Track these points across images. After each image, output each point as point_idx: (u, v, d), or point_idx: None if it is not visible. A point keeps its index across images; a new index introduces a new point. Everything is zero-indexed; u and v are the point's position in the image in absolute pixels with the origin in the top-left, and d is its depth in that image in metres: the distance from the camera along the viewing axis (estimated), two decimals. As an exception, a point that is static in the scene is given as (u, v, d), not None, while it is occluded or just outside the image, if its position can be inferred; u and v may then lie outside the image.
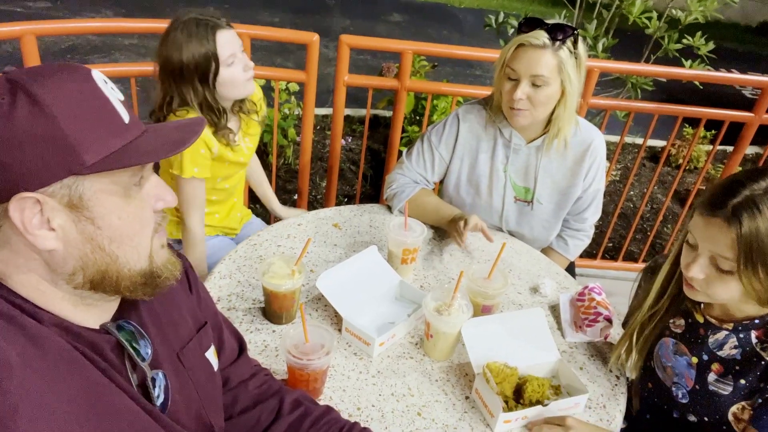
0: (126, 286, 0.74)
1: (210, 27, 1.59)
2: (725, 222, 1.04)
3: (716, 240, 1.06)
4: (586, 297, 1.49)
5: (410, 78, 2.50)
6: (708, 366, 1.22)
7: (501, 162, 1.81)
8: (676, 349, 1.28)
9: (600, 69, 2.53)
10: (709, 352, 1.22)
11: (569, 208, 1.86)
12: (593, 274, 3.07)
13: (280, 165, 3.74)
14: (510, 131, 1.76)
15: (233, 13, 7.22)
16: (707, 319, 1.24)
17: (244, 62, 1.68)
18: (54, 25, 2.14)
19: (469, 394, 1.26)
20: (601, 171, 1.81)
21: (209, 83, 1.63)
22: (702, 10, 3.12)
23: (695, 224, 1.11)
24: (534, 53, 1.57)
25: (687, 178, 4.43)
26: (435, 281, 1.60)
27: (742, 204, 1.03)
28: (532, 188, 1.82)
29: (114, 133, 0.69)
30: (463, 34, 8.10)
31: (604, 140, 1.79)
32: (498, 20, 3.53)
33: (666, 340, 1.30)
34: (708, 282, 1.11)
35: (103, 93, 0.69)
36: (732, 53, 8.49)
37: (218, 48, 1.60)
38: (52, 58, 4.95)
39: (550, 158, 1.78)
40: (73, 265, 0.70)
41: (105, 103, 0.69)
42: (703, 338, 1.23)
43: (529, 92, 1.60)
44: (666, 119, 2.77)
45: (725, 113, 2.70)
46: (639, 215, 3.05)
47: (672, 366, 1.29)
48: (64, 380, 0.67)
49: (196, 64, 1.59)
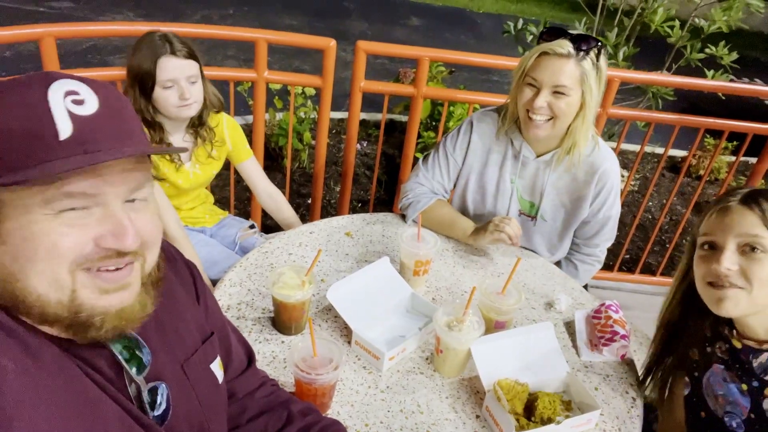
0: (52, 317, 0.68)
1: (162, 48, 1.69)
2: (743, 206, 1.11)
3: (741, 224, 1.10)
4: (602, 315, 1.45)
5: (427, 84, 2.48)
6: (761, 392, 1.15)
7: (509, 173, 1.77)
8: (726, 376, 1.21)
9: (621, 79, 2.49)
10: (757, 377, 1.16)
11: (573, 229, 1.82)
12: (609, 286, 3.01)
13: (295, 169, 3.74)
14: (521, 143, 1.72)
15: (252, 16, 7.28)
16: (745, 344, 1.18)
17: (182, 92, 1.74)
18: (72, 28, 2.16)
19: (479, 412, 1.23)
20: (612, 197, 1.74)
21: (146, 95, 1.73)
22: (726, 20, 3.07)
23: (711, 224, 1.15)
24: (558, 62, 1.53)
25: (708, 189, 4.36)
26: (447, 294, 1.57)
27: (753, 191, 1.13)
28: (537, 204, 1.78)
29: (36, 148, 0.64)
30: (481, 40, 8.07)
31: (618, 165, 1.73)
32: (517, 26, 3.50)
33: (716, 368, 1.24)
34: (745, 272, 1.09)
35: (48, 108, 0.65)
36: (756, 62, 8.36)
37: (158, 70, 1.70)
38: (73, 59, 5.02)
39: (559, 175, 1.74)
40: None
41: (39, 117, 0.65)
42: (748, 363, 1.17)
43: (550, 101, 1.56)
44: (687, 128, 2.71)
45: (748, 126, 2.64)
46: (658, 227, 2.99)
47: (724, 394, 1.21)
48: (59, 392, 0.67)
49: (136, 74, 1.71)
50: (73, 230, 0.66)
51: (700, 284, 1.18)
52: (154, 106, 1.76)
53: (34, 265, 0.66)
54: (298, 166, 3.77)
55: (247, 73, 2.43)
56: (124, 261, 0.71)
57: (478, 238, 1.69)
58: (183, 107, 1.76)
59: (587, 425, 1.22)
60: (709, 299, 1.15)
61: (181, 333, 0.90)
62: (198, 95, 1.78)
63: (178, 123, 1.85)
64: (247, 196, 3.31)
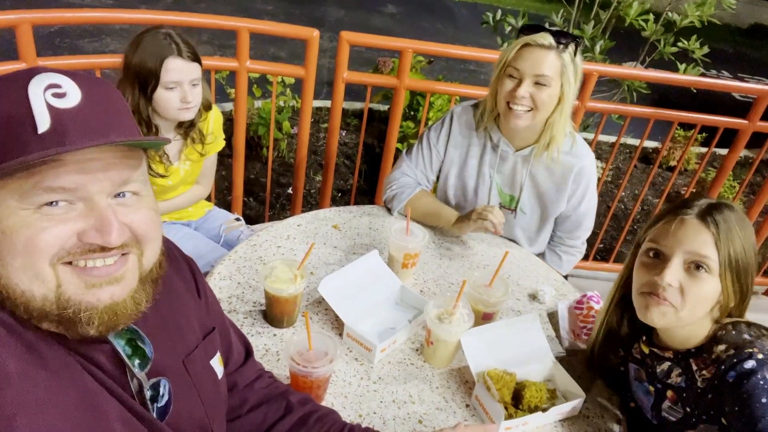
0: (39, 313, 0.67)
1: (169, 49, 1.67)
2: (699, 221, 1.08)
3: (692, 240, 1.08)
4: (584, 305, 1.50)
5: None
6: (663, 394, 1.21)
7: (488, 167, 1.81)
8: (637, 376, 1.28)
9: (598, 73, 2.54)
10: (660, 380, 1.21)
11: (551, 222, 1.87)
12: (585, 275, 3.09)
13: (274, 158, 3.72)
14: (498, 137, 1.76)
15: (225, 0, 7.14)
16: (651, 350, 1.23)
17: (185, 95, 1.72)
18: (50, 14, 2.11)
19: (469, 401, 1.27)
20: (590, 192, 1.80)
21: (146, 94, 1.70)
22: (699, 15, 3.15)
23: (663, 231, 1.12)
24: (540, 53, 1.57)
25: (678, 180, 4.48)
26: (435, 286, 1.60)
27: (710, 204, 1.10)
28: (517, 196, 1.82)
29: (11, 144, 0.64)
30: (458, 29, 8.09)
31: (594, 162, 1.78)
32: (495, 18, 3.53)
33: (631, 366, 1.30)
34: (683, 290, 1.08)
35: (28, 101, 0.65)
36: (723, 54, 8.57)
37: (163, 71, 1.67)
38: (41, 42, 4.84)
39: (537, 169, 1.77)
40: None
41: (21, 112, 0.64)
42: (652, 367, 1.23)
43: (532, 92, 1.60)
44: (660, 120, 2.79)
45: (720, 119, 2.72)
46: (632, 217, 3.08)
47: (635, 391, 1.29)
48: (61, 391, 0.67)
49: (139, 72, 1.67)
50: (53, 224, 0.65)
51: (635, 290, 1.18)
52: (152, 106, 1.73)
53: (14, 259, 0.65)
54: (277, 155, 3.75)
55: (228, 62, 2.41)
56: (111, 255, 0.69)
57: (462, 226, 1.73)
58: (183, 110, 1.74)
59: (572, 412, 1.27)
60: (638, 305, 1.16)
61: (182, 329, 0.90)
62: (198, 98, 1.77)
63: (170, 123, 1.83)
64: (226, 186, 3.28)
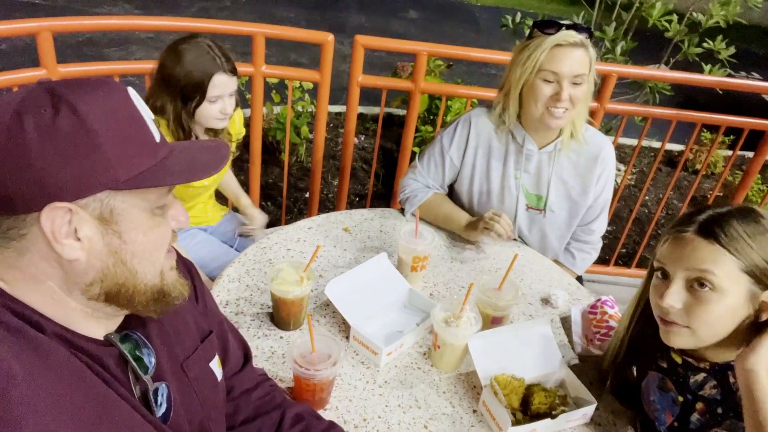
0: (140, 301, 0.75)
1: (215, 65, 1.69)
2: (698, 236, 1.02)
3: (692, 257, 1.02)
4: (598, 310, 1.46)
5: (425, 77, 2.47)
6: (693, 406, 1.15)
7: (513, 169, 1.77)
8: (662, 385, 1.21)
9: (618, 74, 2.49)
10: (692, 392, 1.15)
11: (580, 217, 1.83)
12: (606, 280, 3.03)
13: (293, 162, 3.74)
14: (524, 136, 1.72)
15: (249, 8, 7.23)
16: (684, 359, 1.16)
17: (224, 107, 1.76)
18: (70, 22, 2.15)
19: (476, 406, 1.24)
20: (610, 181, 1.79)
21: (189, 107, 1.73)
22: (723, 15, 3.07)
23: (665, 252, 1.07)
24: (575, 52, 1.55)
25: (704, 183, 4.37)
26: (445, 289, 1.58)
27: (712, 217, 1.03)
28: (545, 196, 1.79)
29: (147, 152, 0.71)
30: (479, 33, 8.04)
31: (613, 148, 1.77)
32: (515, 20, 3.50)
33: (652, 374, 1.23)
34: (688, 311, 1.04)
35: (138, 111, 0.71)
36: (753, 56, 8.36)
37: (210, 86, 1.70)
38: (69, 51, 4.99)
39: (562, 165, 1.75)
40: (93, 276, 0.70)
41: (139, 121, 0.71)
42: (684, 377, 1.16)
43: (570, 92, 1.57)
44: (684, 122, 2.72)
45: (745, 121, 2.65)
46: (654, 221, 3.01)
47: (655, 400, 1.22)
48: (68, 393, 0.66)
49: (185, 85, 1.69)
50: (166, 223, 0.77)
51: (653, 311, 1.13)
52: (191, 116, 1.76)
53: (151, 255, 0.74)
54: (295, 160, 3.77)
55: (244, 68, 2.43)
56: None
57: (470, 234, 1.72)
58: (220, 120, 1.78)
59: (583, 419, 1.24)
60: (660, 329, 1.12)
61: (180, 332, 0.90)
62: (232, 108, 1.80)
63: (202, 126, 1.85)
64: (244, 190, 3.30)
